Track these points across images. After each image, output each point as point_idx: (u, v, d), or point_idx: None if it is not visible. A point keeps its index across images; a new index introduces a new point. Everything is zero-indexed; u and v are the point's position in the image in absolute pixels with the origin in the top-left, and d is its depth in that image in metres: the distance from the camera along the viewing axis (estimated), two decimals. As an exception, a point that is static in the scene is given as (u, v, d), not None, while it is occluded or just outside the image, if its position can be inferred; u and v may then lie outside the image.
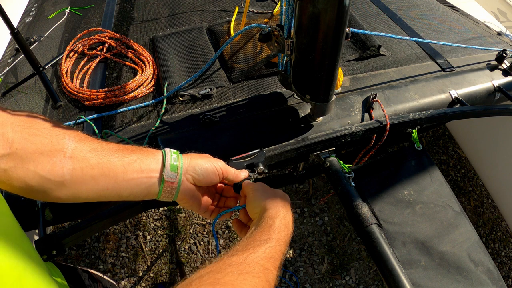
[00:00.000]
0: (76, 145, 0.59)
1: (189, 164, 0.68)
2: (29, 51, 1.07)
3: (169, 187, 0.65)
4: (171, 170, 0.65)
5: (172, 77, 1.21)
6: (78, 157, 0.59)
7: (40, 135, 0.57)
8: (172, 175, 0.65)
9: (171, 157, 0.66)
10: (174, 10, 1.56)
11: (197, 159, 0.70)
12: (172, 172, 0.65)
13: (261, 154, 0.84)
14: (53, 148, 0.57)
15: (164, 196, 0.66)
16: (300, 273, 2.05)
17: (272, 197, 0.67)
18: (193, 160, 0.69)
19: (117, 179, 0.61)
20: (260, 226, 0.62)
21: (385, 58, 1.34)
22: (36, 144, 0.56)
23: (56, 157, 0.57)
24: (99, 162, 0.60)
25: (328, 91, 0.95)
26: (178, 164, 0.66)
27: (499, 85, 1.26)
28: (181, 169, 0.66)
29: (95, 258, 2.07)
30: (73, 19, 1.57)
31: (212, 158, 0.72)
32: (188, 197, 0.69)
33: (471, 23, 1.60)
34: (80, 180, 0.59)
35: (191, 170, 0.68)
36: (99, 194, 0.61)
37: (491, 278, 0.93)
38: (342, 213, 2.24)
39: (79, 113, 1.13)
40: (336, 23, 0.79)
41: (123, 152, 0.63)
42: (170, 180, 0.65)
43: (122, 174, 0.61)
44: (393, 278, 0.82)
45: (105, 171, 0.60)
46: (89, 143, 0.61)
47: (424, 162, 1.09)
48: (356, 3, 1.62)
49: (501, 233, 2.21)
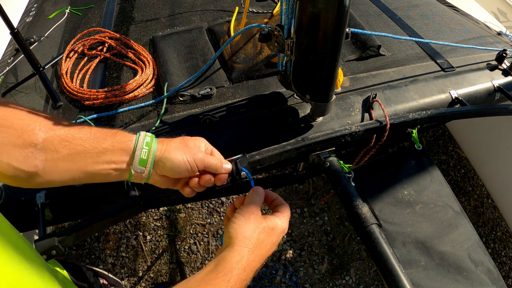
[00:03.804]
0: (47, 136, 0.60)
1: (160, 158, 0.66)
2: (29, 51, 1.07)
3: (137, 177, 0.66)
4: (140, 164, 0.65)
5: (172, 77, 1.21)
6: (49, 148, 0.59)
7: (11, 127, 0.58)
8: (140, 169, 0.65)
9: (141, 151, 0.65)
10: (174, 10, 1.56)
11: (170, 152, 0.67)
12: (141, 166, 0.65)
13: (244, 159, 0.84)
14: (24, 141, 0.58)
15: (135, 181, 0.68)
16: (300, 273, 2.05)
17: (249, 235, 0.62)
18: (165, 154, 0.67)
19: (87, 169, 0.62)
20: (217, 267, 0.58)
21: (385, 58, 1.34)
22: (8, 137, 0.57)
23: (28, 149, 0.58)
24: (69, 153, 0.61)
25: (328, 91, 0.95)
26: (147, 158, 0.65)
27: (499, 85, 1.26)
28: (151, 164, 0.66)
29: (95, 258, 2.07)
30: (73, 19, 1.57)
31: (190, 149, 0.69)
32: (159, 184, 0.70)
33: (471, 23, 1.60)
34: (53, 170, 0.60)
35: (161, 165, 0.66)
36: (73, 180, 0.63)
37: (491, 278, 0.93)
38: (342, 213, 2.24)
39: (79, 113, 1.13)
40: (336, 23, 0.79)
41: (94, 141, 0.63)
42: (138, 173, 0.66)
43: (93, 165, 0.62)
44: (393, 278, 0.82)
45: (75, 161, 0.61)
46: (59, 132, 0.61)
47: (424, 162, 1.09)
48: (356, 3, 1.62)
49: (501, 233, 2.21)
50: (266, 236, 0.64)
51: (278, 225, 0.66)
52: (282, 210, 0.69)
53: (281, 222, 0.67)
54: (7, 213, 0.70)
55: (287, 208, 0.70)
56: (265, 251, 0.64)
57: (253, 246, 0.61)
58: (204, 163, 0.68)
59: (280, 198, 0.73)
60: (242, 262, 0.59)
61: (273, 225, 0.65)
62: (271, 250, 0.65)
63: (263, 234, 0.63)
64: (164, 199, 0.96)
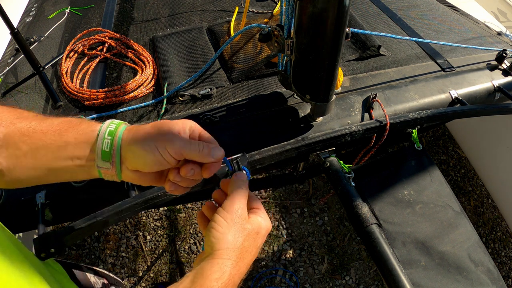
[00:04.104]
0: (7, 131, 0.54)
1: (127, 150, 0.54)
2: (29, 51, 1.07)
3: (107, 174, 0.56)
4: (103, 158, 0.54)
5: (172, 77, 1.21)
6: (10, 144, 0.53)
7: None
8: (105, 164, 0.55)
9: (103, 141, 0.54)
10: (174, 10, 1.56)
11: (136, 141, 0.54)
12: (104, 161, 0.54)
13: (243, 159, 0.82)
14: None
15: (108, 178, 0.57)
16: (300, 273, 2.05)
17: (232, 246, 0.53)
18: (132, 146, 0.54)
19: (50, 166, 0.55)
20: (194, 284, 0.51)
21: (385, 58, 1.34)
22: None
23: None
24: (30, 148, 0.54)
25: (328, 91, 0.95)
26: (110, 151, 0.54)
27: (499, 85, 1.26)
28: (117, 156, 0.55)
29: (95, 258, 2.07)
30: (73, 19, 1.57)
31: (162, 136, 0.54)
32: (137, 180, 0.58)
33: (471, 23, 1.60)
34: (16, 167, 0.54)
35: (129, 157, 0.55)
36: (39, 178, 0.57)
37: (491, 278, 0.93)
38: (342, 213, 2.24)
39: (79, 113, 1.13)
40: (336, 23, 0.79)
41: (55, 134, 0.55)
42: (104, 169, 0.55)
43: (55, 161, 0.55)
44: (393, 278, 0.82)
45: (37, 158, 0.54)
46: (19, 126, 0.54)
47: (424, 162, 1.09)
48: (356, 3, 1.62)
49: (501, 233, 2.21)
50: (251, 242, 0.56)
51: (262, 226, 0.58)
52: (257, 205, 0.60)
53: (264, 221, 0.58)
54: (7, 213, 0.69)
55: (259, 202, 0.61)
56: (250, 259, 0.56)
57: (237, 258, 0.53)
58: (182, 151, 0.54)
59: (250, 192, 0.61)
60: (222, 279, 0.51)
61: (258, 228, 0.57)
62: (255, 255, 0.58)
63: (248, 240, 0.55)
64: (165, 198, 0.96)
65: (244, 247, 0.54)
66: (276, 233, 2.17)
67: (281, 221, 2.21)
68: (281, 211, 2.25)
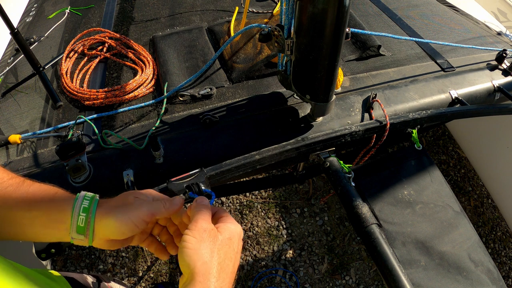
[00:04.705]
0: None
1: (100, 224, 0.58)
2: (29, 51, 1.07)
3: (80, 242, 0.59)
4: (78, 232, 0.58)
5: (172, 77, 1.21)
6: None
7: None
8: (79, 236, 0.58)
9: (78, 217, 0.57)
10: (174, 10, 1.56)
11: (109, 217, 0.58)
12: (79, 234, 0.58)
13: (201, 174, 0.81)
14: None
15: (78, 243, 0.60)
16: (300, 273, 2.05)
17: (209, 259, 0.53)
18: (105, 220, 0.58)
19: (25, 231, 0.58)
20: None
21: (385, 58, 1.34)
22: None
23: None
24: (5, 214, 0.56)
25: (328, 91, 0.95)
26: (85, 227, 0.58)
27: (499, 85, 1.26)
28: (90, 230, 0.58)
29: (95, 258, 2.07)
30: (73, 19, 1.57)
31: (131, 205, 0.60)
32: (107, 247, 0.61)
33: (471, 23, 1.60)
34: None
35: (103, 230, 0.58)
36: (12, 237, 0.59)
37: (491, 278, 0.93)
38: (342, 213, 2.24)
39: (79, 113, 1.13)
40: (336, 23, 0.79)
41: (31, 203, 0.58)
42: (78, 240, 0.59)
43: (30, 227, 0.57)
44: (393, 278, 0.82)
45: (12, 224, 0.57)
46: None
47: (424, 162, 1.09)
48: (356, 3, 1.62)
49: (501, 233, 2.21)
50: (227, 249, 0.56)
51: (232, 230, 0.58)
52: (223, 214, 0.62)
53: (234, 226, 0.60)
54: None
55: (224, 210, 0.63)
56: (232, 266, 0.57)
57: (217, 271, 0.53)
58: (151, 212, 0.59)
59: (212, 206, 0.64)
60: None
61: (229, 234, 0.58)
62: (237, 261, 0.58)
63: (223, 249, 0.55)
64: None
65: (220, 257, 0.55)
66: (276, 233, 2.17)
67: (281, 221, 2.21)
68: (281, 211, 2.25)
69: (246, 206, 2.26)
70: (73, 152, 0.92)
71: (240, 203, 2.27)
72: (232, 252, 0.57)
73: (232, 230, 0.59)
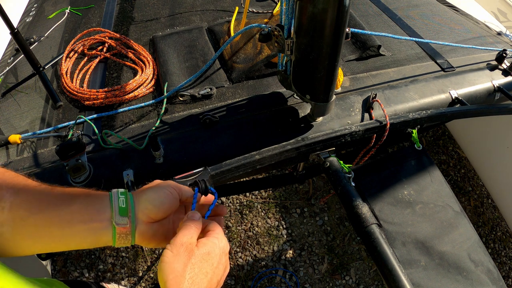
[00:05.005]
0: (15, 198, 0.54)
1: (140, 201, 0.61)
2: (29, 51, 1.07)
3: (123, 233, 0.59)
4: (121, 214, 0.58)
5: (172, 77, 1.21)
6: (18, 212, 0.54)
7: None
8: (123, 220, 0.58)
9: (118, 199, 0.59)
10: (174, 10, 1.56)
11: (146, 192, 0.62)
12: (122, 217, 0.59)
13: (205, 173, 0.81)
14: None
15: (121, 242, 0.60)
16: (300, 273, 2.05)
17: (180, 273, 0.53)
18: (143, 195, 0.62)
19: (63, 231, 0.56)
20: None
21: (385, 58, 1.34)
22: None
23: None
24: (42, 216, 0.55)
25: (328, 91, 0.95)
26: (127, 206, 0.60)
27: (499, 85, 1.26)
28: (132, 211, 0.60)
29: (95, 258, 2.07)
30: (73, 19, 1.57)
31: (162, 182, 0.65)
32: (149, 237, 0.62)
33: (471, 23, 1.60)
34: (24, 234, 0.55)
35: (143, 207, 0.61)
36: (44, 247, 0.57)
37: (491, 278, 0.93)
38: (342, 213, 2.24)
39: (79, 113, 1.13)
40: (336, 23, 0.79)
41: (68, 199, 0.58)
42: (122, 226, 0.59)
43: (69, 226, 0.56)
44: (393, 278, 0.82)
45: (49, 224, 0.55)
46: (29, 193, 0.56)
47: (424, 162, 1.09)
48: (356, 3, 1.62)
49: (501, 233, 2.21)
50: (202, 264, 0.56)
51: (214, 246, 0.58)
52: (212, 228, 0.62)
53: (218, 241, 0.59)
54: None
55: (216, 224, 0.63)
56: (208, 282, 0.56)
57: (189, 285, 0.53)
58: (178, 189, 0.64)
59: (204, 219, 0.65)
60: None
61: (208, 249, 0.57)
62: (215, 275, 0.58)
63: (197, 264, 0.55)
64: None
65: (193, 272, 0.54)
66: (276, 233, 2.17)
67: (281, 221, 2.21)
68: (281, 211, 2.25)
69: (246, 206, 2.26)
70: (73, 152, 0.92)
71: (240, 203, 2.27)
72: (209, 267, 0.57)
73: (212, 245, 0.58)
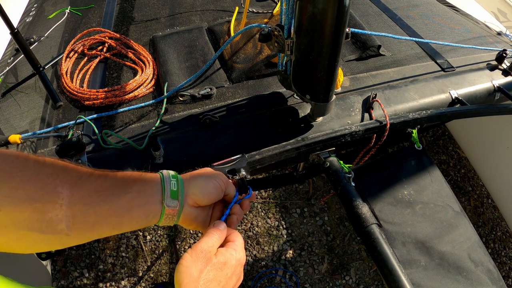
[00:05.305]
0: (72, 192, 0.53)
1: (189, 186, 0.64)
2: (29, 51, 1.07)
3: (170, 214, 0.62)
4: (172, 197, 0.62)
5: (172, 77, 1.21)
6: (77, 205, 0.53)
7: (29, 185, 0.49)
8: (173, 202, 0.62)
9: (170, 182, 0.62)
10: (174, 10, 1.56)
11: (197, 178, 0.66)
12: (173, 199, 0.62)
13: (243, 159, 0.83)
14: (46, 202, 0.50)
15: (166, 222, 0.63)
16: (300, 273, 2.04)
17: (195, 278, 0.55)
18: (193, 181, 0.65)
19: (122, 218, 0.57)
20: None
21: (385, 58, 1.34)
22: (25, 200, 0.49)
23: (51, 212, 0.50)
24: (101, 207, 0.55)
25: (328, 91, 0.95)
26: (178, 190, 0.62)
27: (499, 85, 1.26)
28: (181, 195, 0.63)
29: (95, 258, 2.07)
30: (73, 19, 1.57)
31: (213, 172, 0.69)
32: (191, 220, 0.66)
33: (471, 23, 1.60)
34: (83, 228, 0.55)
35: (191, 192, 0.64)
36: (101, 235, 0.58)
37: (491, 278, 0.93)
38: (342, 213, 2.24)
39: (79, 113, 1.13)
40: (336, 23, 0.79)
41: (124, 187, 0.58)
42: (171, 208, 0.62)
43: (128, 212, 0.58)
44: (393, 278, 0.82)
45: (109, 213, 0.56)
46: (86, 186, 0.55)
47: (424, 162, 1.09)
48: (356, 3, 1.62)
49: (501, 233, 2.21)
50: (217, 272, 0.57)
51: (231, 257, 0.60)
52: (233, 239, 0.64)
53: (236, 253, 0.61)
54: None
55: (238, 235, 0.65)
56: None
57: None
58: (226, 183, 0.68)
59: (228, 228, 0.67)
60: None
61: (225, 259, 0.59)
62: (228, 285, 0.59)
63: (212, 271, 0.57)
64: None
65: (208, 279, 0.56)
66: (276, 233, 2.17)
67: (281, 221, 2.21)
68: (281, 211, 2.25)
69: (246, 206, 2.26)
70: (73, 152, 0.92)
71: (240, 203, 2.27)
72: (223, 277, 0.58)
73: (230, 256, 0.60)
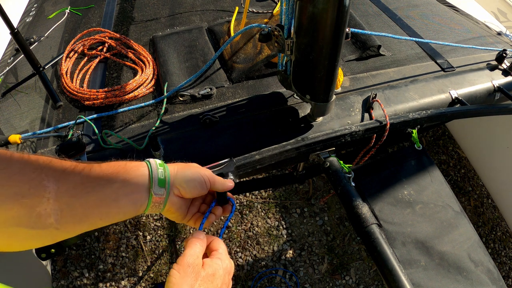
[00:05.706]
0: (58, 185, 0.52)
1: (176, 177, 0.65)
2: (29, 51, 1.07)
3: (157, 202, 0.63)
4: (159, 185, 0.62)
5: (172, 77, 1.21)
6: (64, 198, 0.53)
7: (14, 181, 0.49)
8: (160, 190, 0.63)
9: (157, 171, 0.63)
10: (174, 10, 1.56)
11: (184, 170, 0.66)
12: (160, 187, 0.62)
13: (230, 164, 0.83)
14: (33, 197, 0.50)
15: (152, 210, 0.64)
16: (300, 273, 2.04)
17: None
18: (181, 173, 0.66)
19: (110, 208, 0.58)
20: None
21: (385, 58, 1.34)
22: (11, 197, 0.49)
23: (39, 206, 0.50)
24: (88, 199, 0.55)
25: (328, 91, 0.95)
26: (165, 178, 0.63)
27: (499, 85, 1.26)
28: (168, 183, 0.64)
29: (95, 258, 2.07)
30: (73, 19, 1.57)
31: (200, 168, 0.70)
32: (175, 209, 0.67)
33: (471, 23, 1.60)
34: (72, 221, 0.55)
35: (178, 183, 0.65)
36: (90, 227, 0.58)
37: (491, 278, 0.93)
38: (342, 213, 2.24)
39: (79, 113, 1.13)
40: (336, 23, 0.79)
41: (109, 177, 0.58)
42: (158, 196, 0.62)
43: (114, 202, 0.58)
44: (393, 278, 0.82)
45: (96, 204, 0.56)
46: (71, 178, 0.54)
47: (424, 162, 1.09)
48: (356, 3, 1.62)
49: (501, 233, 2.21)
50: (207, 285, 0.58)
51: (218, 267, 0.61)
52: (216, 247, 0.65)
53: (222, 262, 0.62)
54: None
55: (220, 241, 0.66)
56: None
57: None
58: (212, 179, 0.69)
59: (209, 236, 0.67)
60: None
61: (213, 270, 0.60)
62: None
63: (203, 285, 0.58)
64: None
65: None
66: (276, 233, 2.17)
67: (281, 221, 2.21)
68: (281, 211, 2.25)
69: (246, 206, 2.26)
70: (73, 152, 0.92)
71: (240, 203, 2.28)
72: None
73: (217, 266, 0.61)
